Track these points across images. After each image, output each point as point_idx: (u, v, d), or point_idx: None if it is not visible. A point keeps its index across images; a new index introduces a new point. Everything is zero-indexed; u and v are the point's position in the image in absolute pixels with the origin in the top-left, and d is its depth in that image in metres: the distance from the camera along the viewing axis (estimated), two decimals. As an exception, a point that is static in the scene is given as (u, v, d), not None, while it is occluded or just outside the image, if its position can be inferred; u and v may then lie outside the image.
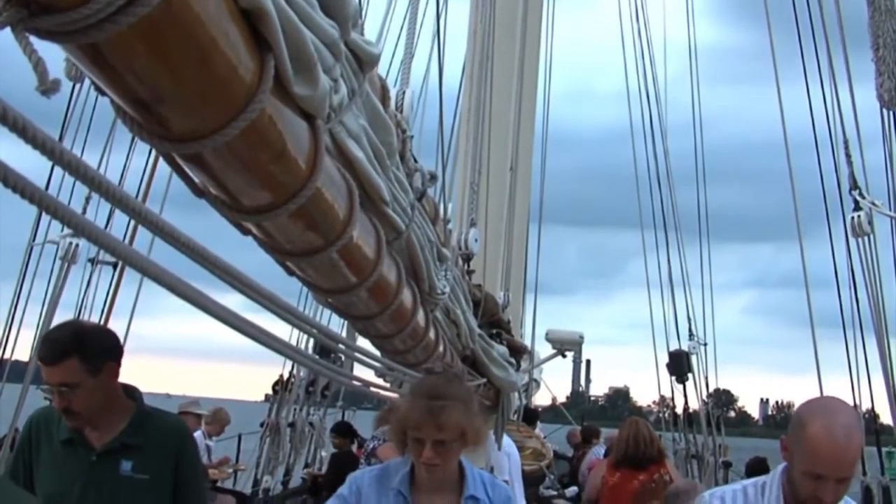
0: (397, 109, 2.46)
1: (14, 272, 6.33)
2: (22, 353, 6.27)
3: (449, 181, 5.73)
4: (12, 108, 0.82)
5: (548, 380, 19.86)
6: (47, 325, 5.44)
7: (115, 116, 1.22)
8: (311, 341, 6.22)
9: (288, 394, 11.12)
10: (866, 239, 6.21)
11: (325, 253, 1.83)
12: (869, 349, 6.62)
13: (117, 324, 5.85)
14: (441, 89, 4.04)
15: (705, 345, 13.71)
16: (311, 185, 1.50)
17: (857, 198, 6.25)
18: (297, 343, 6.46)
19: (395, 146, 2.19)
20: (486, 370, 5.27)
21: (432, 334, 3.40)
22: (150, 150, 1.60)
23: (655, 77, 14.78)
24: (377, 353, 3.21)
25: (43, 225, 6.11)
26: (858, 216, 6.18)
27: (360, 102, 1.84)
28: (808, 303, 7.04)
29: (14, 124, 0.82)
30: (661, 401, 15.55)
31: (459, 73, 8.91)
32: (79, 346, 3.03)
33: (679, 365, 13.53)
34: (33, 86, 0.91)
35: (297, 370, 11.07)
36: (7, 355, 6.28)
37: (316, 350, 6.26)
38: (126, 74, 1.07)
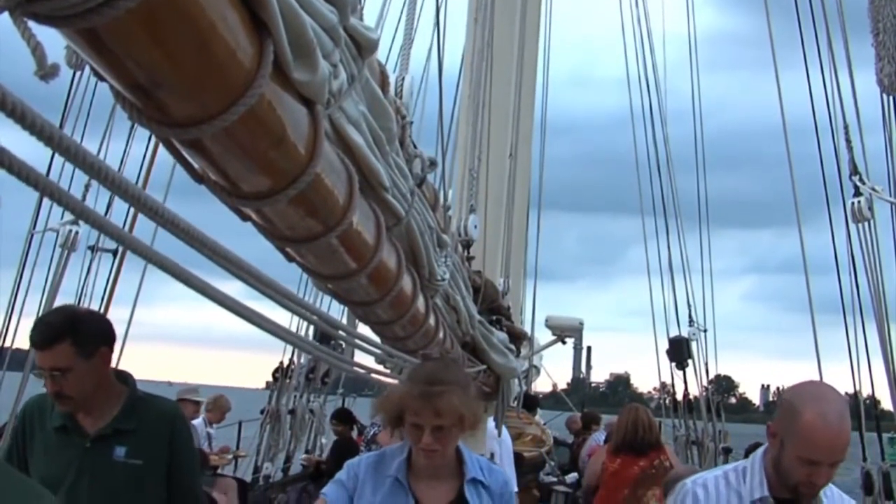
0: (397, 95, 2.46)
1: (14, 260, 6.33)
2: (22, 341, 6.27)
3: (449, 167, 5.72)
4: (11, 95, 0.81)
5: (549, 366, 19.93)
6: (48, 313, 5.44)
7: (115, 103, 1.22)
8: (312, 328, 6.23)
9: (288, 381, 11.13)
10: (866, 224, 6.22)
11: (324, 239, 1.82)
12: (869, 335, 6.63)
13: (117, 311, 5.85)
14: (441, 75, 4.03)
15: (705, 331, 13.76)
16: (310, 171, 1.50)
17: (858, 183, 6.26)
18: (298, 330, 6.46)
19: (394, 132, 2.19)
20: (486, 356, 5.28)
21: (432, 321, 3.40)
22: (150, 137, 1.59)
23: (655, 65, 14.80)
24: (377, 339, 3.21)
25: (43, 213, 6.11)
26: (858, 202, 6.19)
27: (359, 88, 1.83)
28: (808, 288, 7.06)
29: (13, 111, 0.82)
30: (662, 387, 15.59)
31: (459, 60, 8.89)
32: (71, 330, 3.02)
33: (679, 351, 13.57)
34: (32, 73, 0.91)
35: (298, 357, 11.09)
36: (7, 344, 6.28)
37: (316, 337, 6.26)
38: (125, 59, 1.07)
